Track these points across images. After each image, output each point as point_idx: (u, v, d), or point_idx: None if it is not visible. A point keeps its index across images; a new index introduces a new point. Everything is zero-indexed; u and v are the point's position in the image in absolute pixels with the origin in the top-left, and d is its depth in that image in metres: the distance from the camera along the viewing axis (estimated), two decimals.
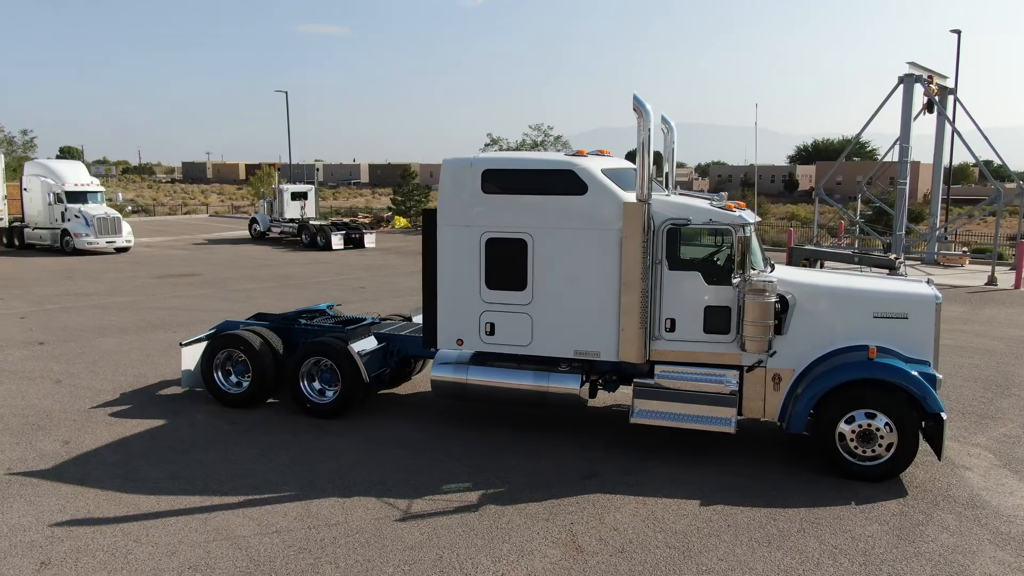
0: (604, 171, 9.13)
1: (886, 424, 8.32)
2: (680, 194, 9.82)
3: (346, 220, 41.00)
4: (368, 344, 10.46)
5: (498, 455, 9.07)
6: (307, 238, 35.96)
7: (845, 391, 8.46)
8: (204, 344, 10.89)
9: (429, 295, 9.73)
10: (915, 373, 8.27)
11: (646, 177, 8.68)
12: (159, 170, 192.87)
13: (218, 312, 17.00)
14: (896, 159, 24.76)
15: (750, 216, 9.21)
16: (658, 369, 9.19)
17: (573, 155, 9.46)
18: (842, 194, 50.97)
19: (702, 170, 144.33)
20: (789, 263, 22.82)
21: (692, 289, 8.94)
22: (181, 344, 11.04)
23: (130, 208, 44.76)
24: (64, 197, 31.22)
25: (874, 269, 23.70)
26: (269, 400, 10.91)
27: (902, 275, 12.03)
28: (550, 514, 7.50)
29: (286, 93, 49.55)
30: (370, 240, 35.99)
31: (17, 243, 32.82)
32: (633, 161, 9.37)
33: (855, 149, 69.46)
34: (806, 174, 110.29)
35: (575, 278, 9.15)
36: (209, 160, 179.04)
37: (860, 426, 8.39)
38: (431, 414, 10.57)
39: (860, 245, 27.44)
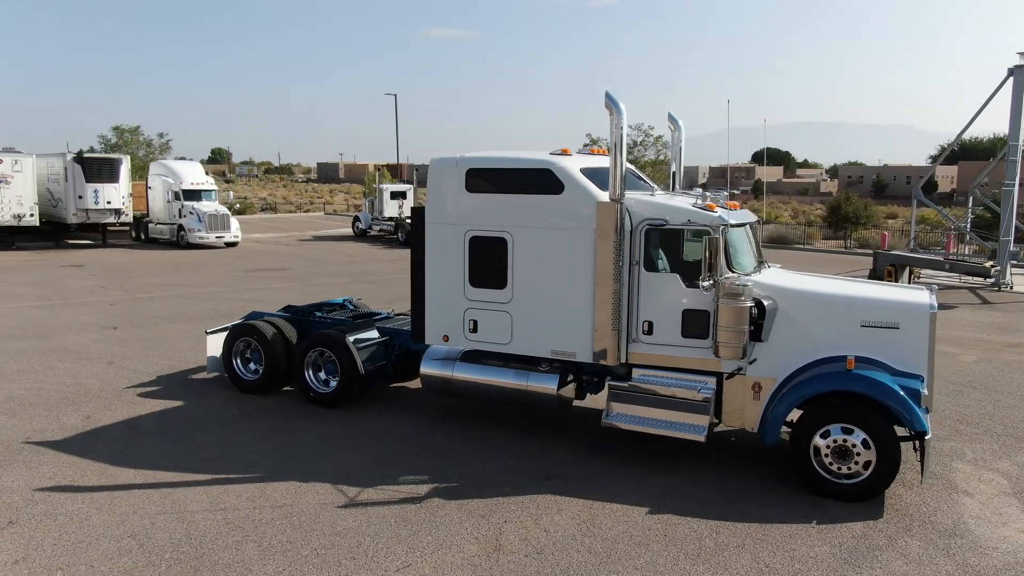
0: (585, 170, 9.04)
1: (863, 441, 7.79)
2: (664, 194, 9.55)
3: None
4: (369, 338, 10.82)
5: (472, 451, 9.18)
6: (402, 236, 37.15)
7: (821, 404, 8.00)
8: (226, 332, 11.61)
9: (417, 292, 9.96)
10: (896, 387, 7.69)
11: (619, 176, 8.53)
12: (297, 170, 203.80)
13: (286, 303, 17.96)
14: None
15: (735, 217, 8.87)
16: (635, 372, 9.01)
17: (557, 154, 9.41)
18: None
19: (833, 171, 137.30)
20: (874, 269, 21.54)
21: (670, 291, 8.71)
22: (207, 332, 11.83)
23: (238, 206, 47.69)
24: (181, 195, 33.79)
25: (969, 277, 21.95)
26: (286, 388, 11.47)
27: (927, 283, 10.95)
28: (489, 511, 7.54)
29: (395, 96, 51.45)
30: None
31: (143, 237, 35.80)
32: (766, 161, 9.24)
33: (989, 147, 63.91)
34: (948, 175, 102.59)
35: (552, 277, 9.11)
36: (341, 160, 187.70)
37: (835, 441, 7.90)
38: (432, 409, 10.79)
39: (957, 251, 25.34)
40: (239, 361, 11.46)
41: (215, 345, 11.69)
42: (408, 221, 37.94)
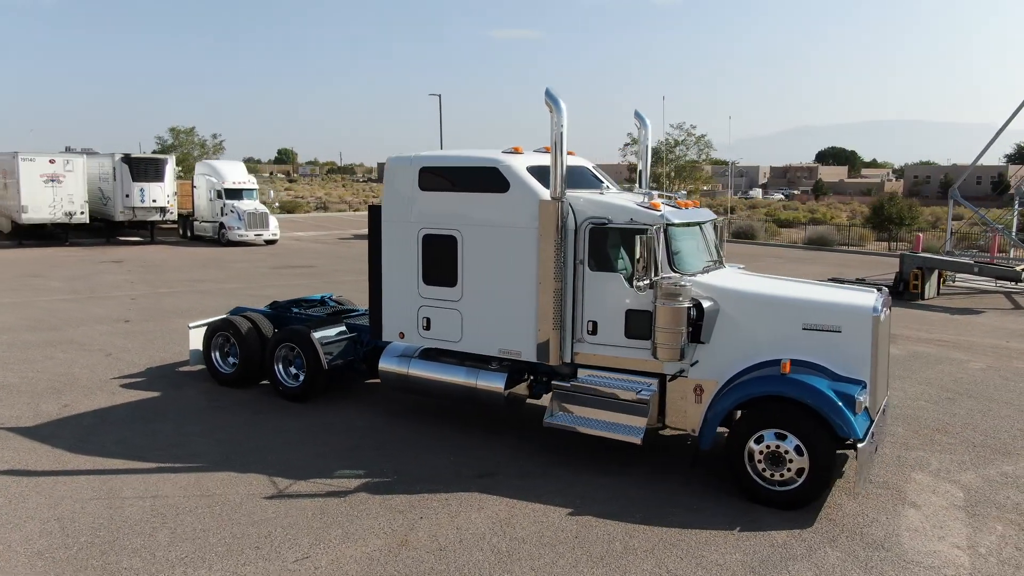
0: (533, 169, 8.99)
1: (796, 447, 7.56)
2: (615, 192, 9.42)
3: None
4: (335, 333, 10.99)
5: (418, 448, 9.24)
6: None
7: (756, 408, 7.78)
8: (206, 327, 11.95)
9: (374, 289, 10.06)
10: (829, 392, 7.44)
11: (559, 175, 8.46)
12: (359, 170, 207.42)
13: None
14: None
15: (682, 216, 8.70)
16: (580, 373, 8.93)
17: (509, 152, 9.39)
18: None
19: (898, 171, 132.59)
20: (900, 272, 20.79)
21: (614, 291, 8.60)
22: (189, 326, 12.19)
23: (276, 205, 48.82)
24: (223, 193, 34.83)
25: (1000, 281, 20.96)
26: (264, 382, 11.73)
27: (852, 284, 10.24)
28: (410, 507, 7.59)
29: (439, 96, 51.76)
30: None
31: (189, 235, 37.03)
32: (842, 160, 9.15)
33: None
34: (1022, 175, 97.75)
35: (499, 276, 9.10)
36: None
37: (768, 447, 7.68)
38: (394, 405, 10.88)
39: (1006, 253, 24.08)
40: (218, 355, 11.78)
41: (197, 339, 12.04)
42: None
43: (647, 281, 8.07)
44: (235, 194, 35.00)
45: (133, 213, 33.97)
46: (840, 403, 7.37)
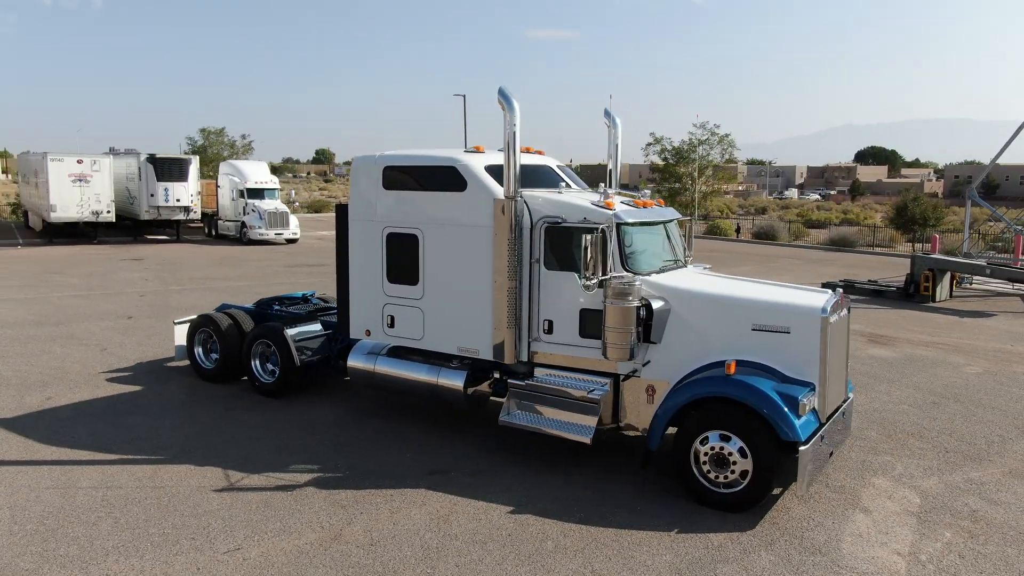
0: (491, 168, 9.01)
1: (740, 449, 7.48)
2: (575, 191, 9.38)
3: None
4: (310, 330, 11.14)
5: (377, 444, 9.33)
6: None
7: (701, 409, 7.71)
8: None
9: (342, 287, 10.19)
10: (771, 393, 7.34)
11: (512, 174, 8.47)
12: None
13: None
14: None
15: (636, 215, 8.66)
16: (537, 372, 8.94)
17: (471, 151, 9.43)
18: None
19: (940, 171, 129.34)
20: (911, 273, 20.37)
21: (569, 290, 8.58)
22: (174, 322, 12.46)
23: (297, 204, 49.44)
24: (245, 193, 35.43)
25: (1016, 284, 20.40)
26: (245, 378, 11.93)
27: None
28: (353, 503, 7.67)
29: (464, 97, 51.98)
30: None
31: (213, 233, 37.74)
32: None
33: None
34: None
35: (458, 275, 9.14)
36: None
37: (713, 448, 7.61)
38: (367, 402, 10.98)
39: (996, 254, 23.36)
40: (201, 350, 12.02)
41: (181, 335, 12.30)
42: None
43: (595, 280, 8.05)
44: (257, 194, 35.57)
45: (158, 212, 34.74)
46: (783, 405, 7.27)
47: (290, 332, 10.89)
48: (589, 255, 7.99)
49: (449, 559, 6.59)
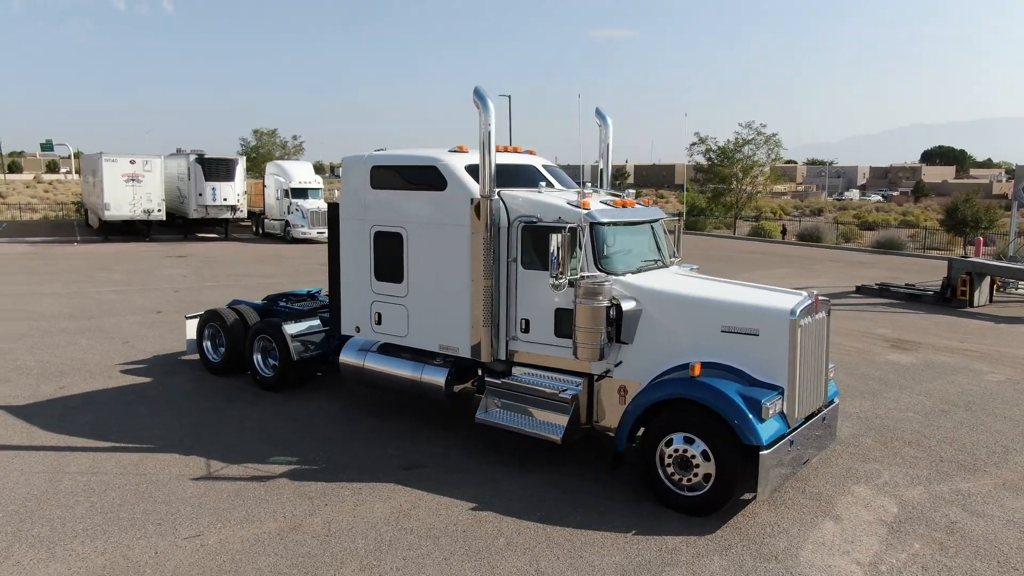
0: (472, 167, 9.08)
1: (703, 452, 7.39)
2: (549, 191, 9.34)
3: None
4: (308, 327, 11.39)
5: (362, 439, 9.50)
6: None
7: (666, 411, 7.64)
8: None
9: (334, 284, 10.40)
10: (734, 396, 7.23)
11: (488, 173, 8.52)
12: None
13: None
14: None
15: (613, 215, 8.62)
16: (515, 370, 8.98)
17: (453, 151, 9.52)
18: None
19: (1012, 172, 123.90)
20: (948, 277, 19.68)
21: (545, 290, 8.57)
22: (186, 317, 12.88)
23: None
24: (289, 192, 36.28)
25: None
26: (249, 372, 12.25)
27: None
28: (320, 494, 7.84)
29: (509, 97, 52.19)
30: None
31: (260, 232, 38.75)
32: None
33: None
34: None
35: (439, 273, 9.24)
36: None
37: (677, 450, 7.54)
38: (363, 399, 11.16)
39: None
40: (209, 344, 12.41)
41: (192, 329, 12.71)
42: None
43: (564, 279, 8.04)
44: (301, 193, 36.38)
45: (206, 211, 35.82)
46: (744, 408, 7.15)
47: (287, 328, 11.16)
48: (559, 254, 7.99)
49: (398, 553, 6.69)
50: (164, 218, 35.23)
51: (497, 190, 8.78)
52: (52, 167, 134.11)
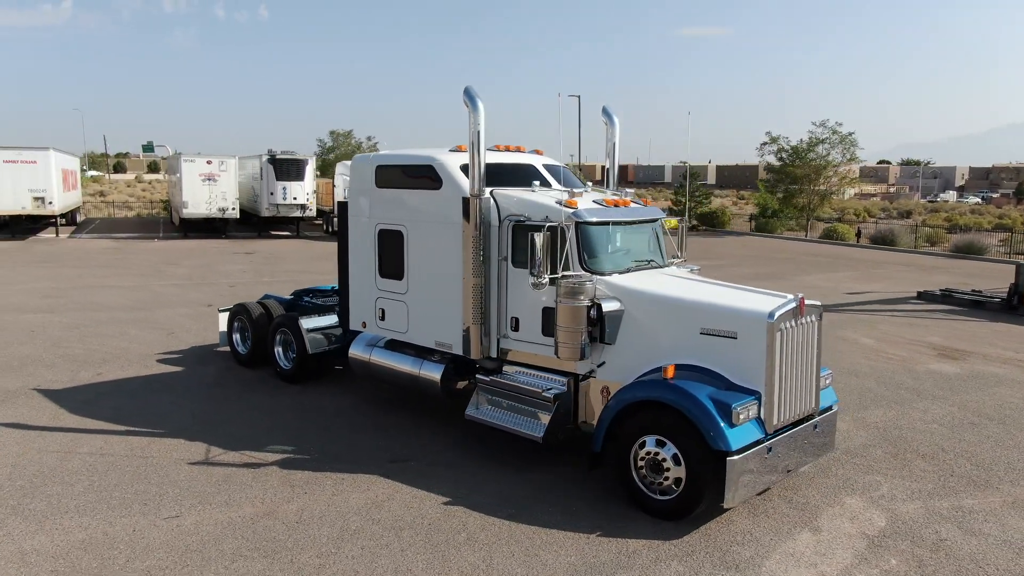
0: (465, 167, 9.17)
1: (674, 455, 7.27)
2: (541, 190, 9.29)
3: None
4: (323, 321, 11.73)
5: (360, 431, 9.74)
6: None
7: (640, 413, 7.54)
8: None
9: (343, 281, 10.69)
10: (704, 399, 7.08)
11: (477, 173, 8.60)
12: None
13: None
14: None
15: (602, 214, 8.56)
16: (505, 368, 9.04)
17: (453, 151, 9.63)
18: None
19: None
20: (1016, 283, 18.60)
21: (533, 288, 8.60)
22: (219, 310, 13.45)
23: None
24: None
25: None
26: None
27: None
28: (303, 483, 8.10)
29: (578, 97, 52.00)
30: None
31: (329, 230, 39.90)
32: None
33: None
34: None
35: (435, 270, 9.39)
36: (571, 161, 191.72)
37: (649, 453, 7.44)
38: (376, 394, 11.42)
39: None
40: (238, 337, 12.94)
41: (224, 322, 13.28)
42: None
43: (545, 278, 8.04)
44: None
45: (277, 210, 37.13)
46: (714, 412, 7.00)
47: (304, 322, 11.53)
48: (539, 253, 8.00)
49: (358, 542, 6.85)
50: (238, 216, 36.71)
51: (490, 189, 8.88)
52: (152, 167, 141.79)
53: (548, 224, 8.10)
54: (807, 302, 7.69)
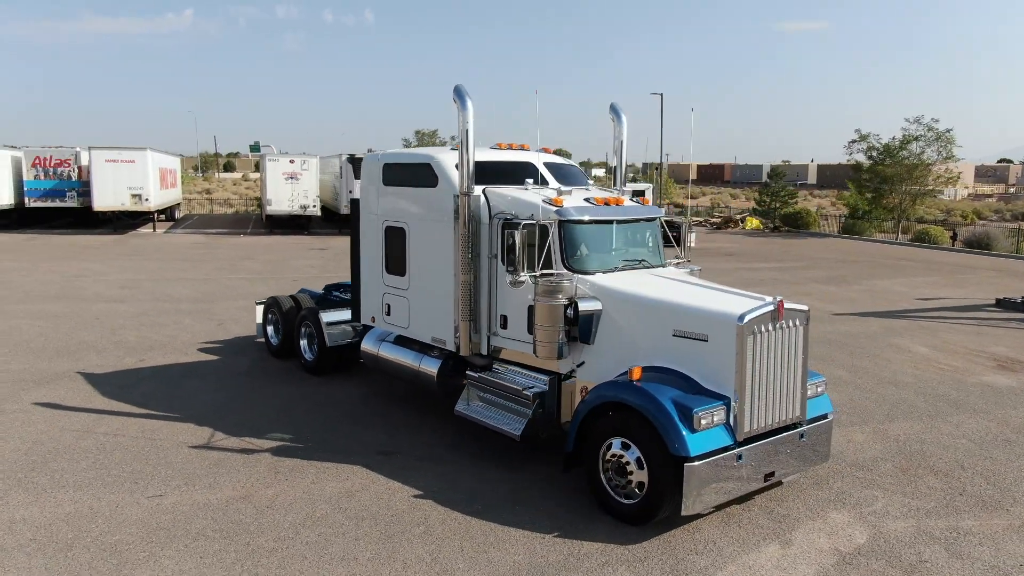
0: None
1: (637, 459, 7.13)
2: (534, 188, 9.22)
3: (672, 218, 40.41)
4: (343, 315, 12.05)
5: (362, 424, 9.97)
6: None
7: (609, 414, 7.42)
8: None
9: (355, 276, 10.96)
10: (666, 403, 6.90)
11: (467, 171, 8.66)
12: (630, 170, 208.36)
13: None
14: None
15: (587, 213, 8.47)
16: (494, 365, 9.07)
17: (454, 149, 9.70)
18: None
19: None
20: None
21: (520, 287, 8.61)
22: (256, 303, 14.04)
23: None
24: None
25: None
26: None
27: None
28: (289, 470, 8.38)
29: (661, 95, 51.17)
30: (690, 240, 35.76)
31: None
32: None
33: None
34: None
35: (431, 267, 9.52)
36: (667, 160, 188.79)
37: (615, 455, 7.32)
38: (391, 387, 11.65)
39: None
40: (272, 329, 13.47)
41: (259, 314, 13.84)
42: None
43: (523, 276, 8.04)
44: None
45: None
46: (674, 415, 6.82)
47: (324, 316, 11.90)
48: (518, 250, 8.01)
49: (316, 529, 7.05)
50: (319, 213, 38.04)
51: (483, 188, 8.94)
52: (258, 167, 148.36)
53: (525, 223, 8.08)
54: (789, 306, 7.37)
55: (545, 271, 8.10)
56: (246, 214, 52.54)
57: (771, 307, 7.22)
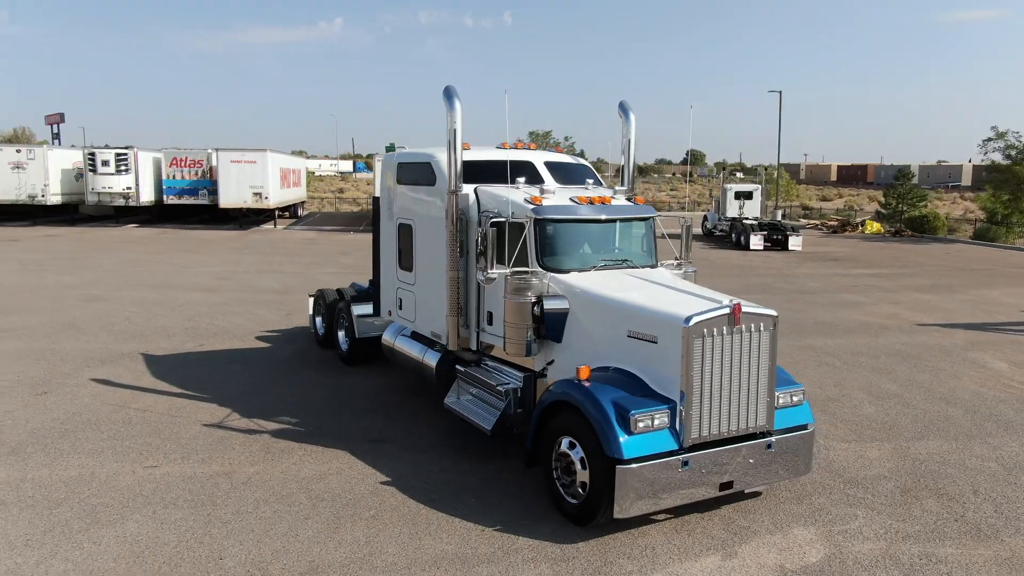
0: (463, 163, 9.45)
1: (581, 459, 7.09)
2: (523, 186, 9.24)
3: (778, 220, 38.72)
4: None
5: (365, 412, 10.39)
6: (735, 237, 36.28)
7: (562, 413, 7.41)
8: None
9: (375, 272, 11.40)
10: (605, 404, 6.83)
11: (454, 171, 8.86)
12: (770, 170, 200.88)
13: None
14: None
15: (565, 212, 8.46)
16: (485, 361, 9.23)
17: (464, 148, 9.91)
18: None
19: None
20: None
21: (502, 284, 8.74)
22: (309, 295, 14.81)
23: None
24: None
25: None
26: None
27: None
28: (279, 452, 8.89)
29: (780, 93, 49.09)
30: (795, 243, 34.34)
31: None
32: None
33: None
34: None
35: (431, 263, 9.78)
36: (804, 161, 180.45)
37: (563, 455, 7.31)
38: (407, 379, 12.03)
39: None
40: (319, 320, 14.20)
41: (310, 306, 14.62)
42: (745, 221, 36.99)
43: (493, 273, 8.15)
44: None
45: None
46: (611, 416, 6.73)
47: (356, 308, 12.44)
48: (489, 247, 8.14)
49: (273, 507, 7.47)
50: None
51: (475, 186, 9.12)
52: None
53: (494, 219, 8.19)
54: (750, 310, 7.09)
55: (516, 268, 8.18)
56: (365, 213, 54.96)
57: (725, 310, 6.97)
